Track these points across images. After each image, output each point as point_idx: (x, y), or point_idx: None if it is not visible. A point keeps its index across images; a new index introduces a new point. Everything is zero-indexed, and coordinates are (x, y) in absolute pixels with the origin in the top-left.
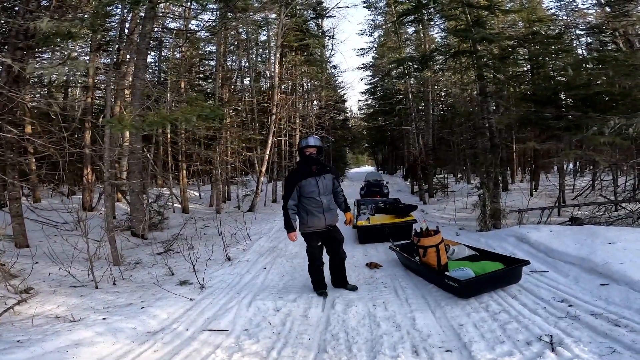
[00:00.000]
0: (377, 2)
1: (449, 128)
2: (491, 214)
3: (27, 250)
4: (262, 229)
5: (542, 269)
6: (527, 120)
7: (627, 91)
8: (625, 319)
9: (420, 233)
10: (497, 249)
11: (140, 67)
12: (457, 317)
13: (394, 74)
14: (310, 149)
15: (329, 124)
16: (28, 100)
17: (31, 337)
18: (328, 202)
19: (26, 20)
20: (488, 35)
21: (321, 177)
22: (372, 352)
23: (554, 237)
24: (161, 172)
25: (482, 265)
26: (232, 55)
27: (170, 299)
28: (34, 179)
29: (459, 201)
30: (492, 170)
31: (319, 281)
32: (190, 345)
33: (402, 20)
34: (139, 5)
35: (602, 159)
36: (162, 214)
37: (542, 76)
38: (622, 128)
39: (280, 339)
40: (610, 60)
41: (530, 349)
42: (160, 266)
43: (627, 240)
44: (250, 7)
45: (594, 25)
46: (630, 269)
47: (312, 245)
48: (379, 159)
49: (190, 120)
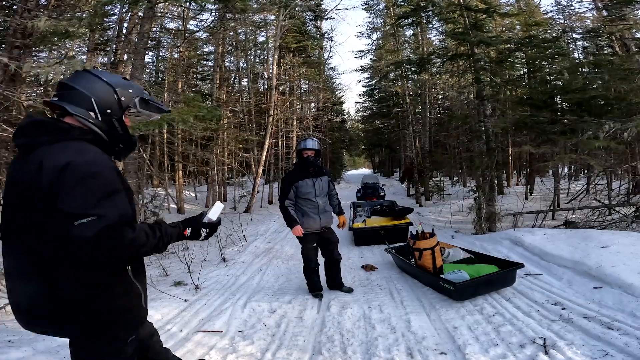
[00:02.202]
0: (376, 4)
1: (445, 131)
2: (486, 217)
3: None
4: (258, 230)
5: (536, 272)
6: (523, 124)
7: (623, 95)
8: (618, 322)
9: (416, 236)
10: (492, 252)
11: (137, 67)
12: (452, 319)
13: (391, 76)
14: (308, 152)
15: (326, 126)
16: (24, 99)
17: (22, 337)
18: (324, 203)
19: (24, 18)
20: (485, 39)
21: (318, 179)
22: (367, 354)
23: (549, 240)
24: (157, 172)
25: (477, 268)
26: (230, 56)
27: (165, 300)
28: None
29: (454, 204)
30: (488, 174)
31: (314, 283)
32: (184, 347)
33: (400, 22)
34: (137, 5)
35: (596, 163)
36: (157, 214)
37: (539, 80)
38: (617, 132)
39: (275, 340)
40: (606, 64)
41: (523, 352)
42: (154, 267)
43: (620, 244)
44: (249, 8)
45: (591, 29)
46: (623, 273)
47: (307, 247)
48: (375, 162)
49: (187, 121)
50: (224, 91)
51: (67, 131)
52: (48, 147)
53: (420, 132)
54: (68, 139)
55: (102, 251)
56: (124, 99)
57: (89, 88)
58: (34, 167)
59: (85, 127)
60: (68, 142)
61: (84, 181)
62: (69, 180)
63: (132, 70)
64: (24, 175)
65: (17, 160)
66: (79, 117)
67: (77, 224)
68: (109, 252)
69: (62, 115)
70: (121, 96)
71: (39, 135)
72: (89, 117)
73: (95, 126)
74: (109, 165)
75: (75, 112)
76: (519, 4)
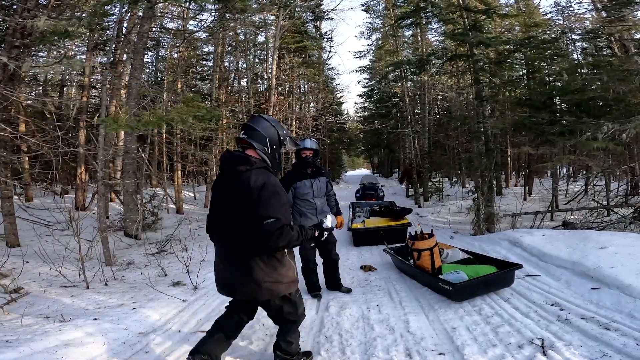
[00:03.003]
0: (376, 5)
1: (444, 132)
2: (485, 217)
3: (18, 249)
4: None
5: (535, 273)
6: (522, 124)
7: (621, 96)
8: (616, 323)
9: (415, 236)
10: (491, 253)
11: (137, 67)
12: (450, 320)
13: (391, 77)
14: (307, 152)
15: (325, 126)
16: (23, 99)
17: (20, 337)
18: (321, 204)
19: (23, 18)
20: (485, 39)
21: (316, 179)
22: (366, 354)
23: (547, 241)
24: (156, 172)
25: (476, 269)
26: (230, 56)
27: (163, 300)
28: (26, 177)
29: (453, 205)
30: (487, 175)
31: (313, 283)
32: (182, 347)
33: (400, 23)
34: (137, 5)
35: (595, 164)
36: (156, 214)
37: (538, 81)
38: (616, 133)
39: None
40: (605, 65)
41: (522, 352)
42: (153, 267)
43: (618, 245)
44: (249, 8)
45: (590, 30)
46: (621, 273)
47: (305, 247)
48: (374, 162)
49: (186, 121)
50: (223, 91)
51: (254, 163)
52: (246, 174)
53: (419, 133)
54: (255, 168)
55: (278, 241)
56: (282, 138)
57: (265, 129)
58: (244, 187)
59: (261, 158)
60: (257, 170)
61: (273, 195)
62: (265, 195)
63: (131, 70)
64: (235, 193)
65: (223, 181)
66: (259, 150)
67: (265, 222)
68: (281, 242)
69: (245, 148)
70: (280, 136)
71: (239, 165)
72: (265, 150)
73: (266, 156)
74: (281, 184)
75: (258, 147)
76: (519, 5)
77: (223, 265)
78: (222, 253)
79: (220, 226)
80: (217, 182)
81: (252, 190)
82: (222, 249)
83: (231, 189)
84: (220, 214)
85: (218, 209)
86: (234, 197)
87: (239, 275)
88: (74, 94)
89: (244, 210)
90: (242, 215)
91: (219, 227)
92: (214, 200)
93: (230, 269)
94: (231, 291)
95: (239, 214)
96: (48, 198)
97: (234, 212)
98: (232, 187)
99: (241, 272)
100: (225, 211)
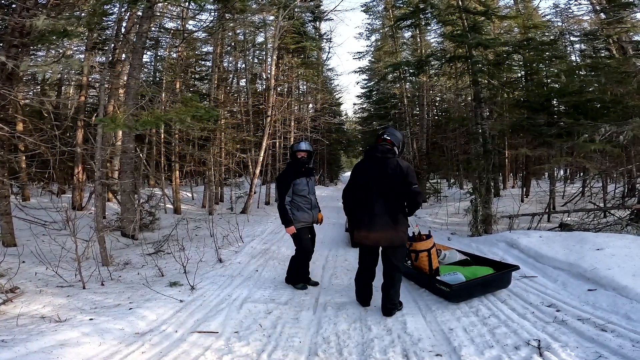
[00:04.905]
0: (375, 6)
1: (442, 133)
2: (483, 219)
3: (14, 249)
4: (255, 231)
5: (532, 274)
6: (520, 126)
7: (619, 98)
8: (612, 324)
9: (413, 237)
10: (488, 254)
11: (135, 67)
12: (448, 321)
13: (389, 78)
14: (302, 153)
15: (324, 127)
16: (20, 98)
17: (15, 337)
18: (315, 200)
19: (22, 17)
20: (484, 41)
21: (310, 178)
22: (363, 355)
23: (544, 242)
24: (154, 172)
25: (473, 270)
26: (229, 56)
27: (160, 300)
28: (23, 177)
29: (451, 206)
30: (485, 176)
31: (306, 274)
32: (179, 347)
33: (399, 24)
34: (136, 5)
35: (592, 166)
36: (153, 214)
37: (536, 82)
38: (613, 135)
39: (271, 341)
40: (603, 67)
41: (518, 354)
42: (150, 267)
43: (615, 247)
44: (249, 8)
45: (588, 31)
46: (618, 275)
47: (305, 238)
48: None
49: (185, 121)
50: (222, 91)
51: (396, 154)
52: (393, 159)
53: (417, 134)
54: (397, 156)
55: (420, 198)
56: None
57: (398, 136)
58: (394, 166)
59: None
60: (398, 158)
61: (413, 172)
62: (411, 171)
63: (129, 69)
64: (388, 169)
65: (374, 163)
66: (397, 149)
67: (413, 187)
68: (421, 198)
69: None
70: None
71: (388, 154)
72: (397, 148)
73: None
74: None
75: (396, 146)
76: (517, 7)
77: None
78: (373, 212)
79: (371, 191)
80: (364, 166)
81: (402, 168)
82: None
83: (384, 167)
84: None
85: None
86: (386, 173)
87: (387, 226)
88: (72, 94)
89: (397, 181)
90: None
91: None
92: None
93: (380, 221)
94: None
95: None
96: (45, 197)
97: (391, 182)
98: (384, 166)
99: (390, 223)
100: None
